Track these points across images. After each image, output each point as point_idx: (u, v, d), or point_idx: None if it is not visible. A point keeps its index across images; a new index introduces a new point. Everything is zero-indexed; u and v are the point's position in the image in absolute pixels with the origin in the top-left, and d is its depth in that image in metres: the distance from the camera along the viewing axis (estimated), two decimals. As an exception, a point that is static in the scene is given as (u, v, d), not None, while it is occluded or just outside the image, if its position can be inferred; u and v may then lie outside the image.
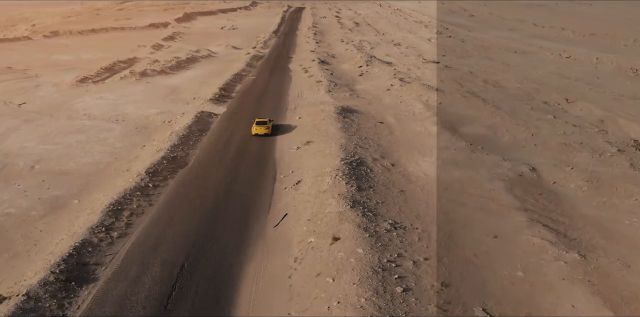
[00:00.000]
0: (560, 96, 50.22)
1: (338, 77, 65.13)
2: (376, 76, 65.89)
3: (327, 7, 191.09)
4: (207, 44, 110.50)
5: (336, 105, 45.98)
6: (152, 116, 47.93)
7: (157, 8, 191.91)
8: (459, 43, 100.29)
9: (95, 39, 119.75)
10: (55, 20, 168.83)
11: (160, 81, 65.89)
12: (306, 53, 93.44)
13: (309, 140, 37.70)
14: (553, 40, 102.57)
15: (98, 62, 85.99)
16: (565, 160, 33.50)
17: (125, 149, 39.10)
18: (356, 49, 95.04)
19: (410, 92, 52.53)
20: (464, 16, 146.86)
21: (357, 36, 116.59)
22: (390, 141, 38.22)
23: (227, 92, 56.56)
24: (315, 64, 76.85)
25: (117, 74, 71.71)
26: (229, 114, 47.84)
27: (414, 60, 79.26)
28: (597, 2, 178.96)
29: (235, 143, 39.00)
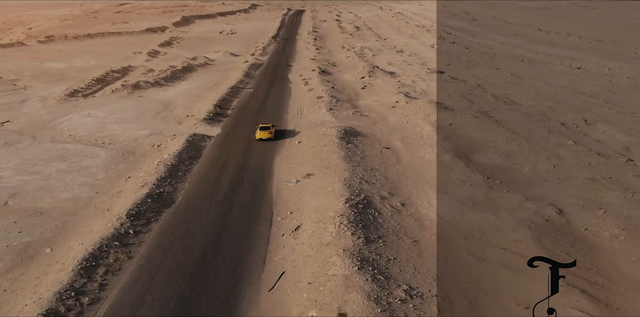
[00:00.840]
0: (577, 116, 46.43)
1: (339, 90, 61.31)
2: (380, 89, 62.08)
3: (328, 9, 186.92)
4: (205, 50, 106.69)
5: (338, 128, 42.18)
6: (140, 138, 44.14)
7: (155, 11, 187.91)
8: (463, 50, 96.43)
9: (91, 44, 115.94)
10: (52, 23, 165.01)
11: (153, 95, 62.09)
12: (306, 61, 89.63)
13: (309, 172, 33.93)
14: (560, 47, 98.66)
15: (91, 70, 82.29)
16: (595, 200, 29.73)
17: (108, 181, 35.32)
18: (357, 57, 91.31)
19: (417, 110, 48.75)
20: (466, 20, 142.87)
21: (358, 42, 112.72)
22: (399, 172, 34.45)
23: (222, 110, 52.72)
24: (315, 74, 73.05)
25: (109, 86, 67.88)
26: (223, 136, 44.01)
27: (418, 70, 75.43)
28: (600, 4, 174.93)
29: (229, 174, 35.21)
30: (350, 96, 58.59)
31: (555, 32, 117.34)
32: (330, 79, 70.10)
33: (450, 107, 49.71)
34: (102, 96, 61.65)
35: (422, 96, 56.01)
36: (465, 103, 51.83)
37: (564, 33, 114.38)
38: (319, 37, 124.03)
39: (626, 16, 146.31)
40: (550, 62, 79.76)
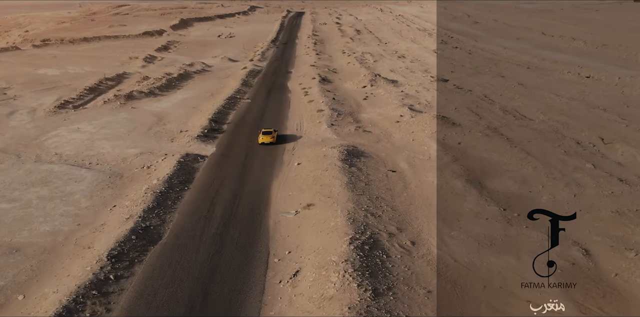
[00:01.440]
0: (593, 134, 43.45)
1: (340, 101, 58.31)
2: (382, 100, 59.09)
3: (327, 12, 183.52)
4: (203, 54, 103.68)
5: (340, 149, 39.16)
6: (130, 158, 41.13)
7: (153, 13, 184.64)
8: (466, 55, 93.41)
9: (87, 48, 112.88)
10: (49, 26, 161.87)
11: (147, 106, 59.06)
12: (306, 67, 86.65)
13: (309, 202, 30.95)
14: (565, 52, 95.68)
15: (85, 78, 79.34)
16: (624, 238, 26.78)
17: (92, 210, 32.32)
18: (358, 63, 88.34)
19: (422, 126, 45.77)
20: (468, 23, 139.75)
21: (358, 46, 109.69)
22: (406, 201, 31.48)
23: (217, 125, 49.68)
24: (315, 83, 70.05)
25: (102, 96, 64.86)
26: (218, 156, 40.97)
27: (422, 78, 72.44)
28: (603, 6, 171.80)
29: (222, 203, 32.21)
30: (352, 108, 55.57)
31: (559, 36, 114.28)
32: (331, 89, 67.09)
33: (457, 123, 46.71)
34: (93, 108, 58.60)
35: (427, 109, 53.04)
36: (473, 117, 48.84)
37: (568, 37, 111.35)
38: (319, 41, 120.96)
39: (629, 19, 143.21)
40: (557, 69, 76.74)
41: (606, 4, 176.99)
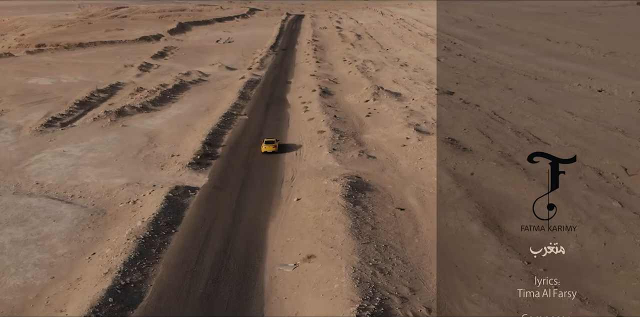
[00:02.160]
0: (614, 162, 39.85)
1: (342, 119, 54.66)
2: (386, 117, 55.47)
3: (327, 15, 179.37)
4: (200, 62, 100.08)
5: (343, 182, 35.51)
6: (115, 190, 37.52)
7: (152, 15, 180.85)
8: (470, 64, 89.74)
9: (81, 55, 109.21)
10: (45, 29, 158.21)
11: (138, 123, 55.42)
12: (306, 77, 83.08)
13: (310, 252, 27.33)
14: (571, 61, 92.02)
15: (77, 88, 75.89)
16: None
17: (68, 259, 28.70)
18: (360, 72, 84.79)
19: (431, 151, 42.15)
20: (470, 27, 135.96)
21: (359, 53, 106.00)
22: (419, 250, 27.90)
23: (211, 148, 46.03)
24: (315, 96, 66.44)
25: (92, 111, 61.28)
26: (210, 188, 37.24)
27: (426, 91, 68.80)
28: (606, 10, 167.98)
29: (212, 252, 28.55)
30: (355, 128, 51.95)
31: (564, 42, 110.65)
32: (332, 103, 63.47)
33: (468, 148, 43.10)
34: (82, 126, 54.95)
35: (434, 129, 49.41)
36: (484, 141, 45.23)
37: (573, 43, 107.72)
38: (319, 46, 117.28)
39: (634, 23, 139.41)
40: (567, 81, 73.11)
41: (609, 7, 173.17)
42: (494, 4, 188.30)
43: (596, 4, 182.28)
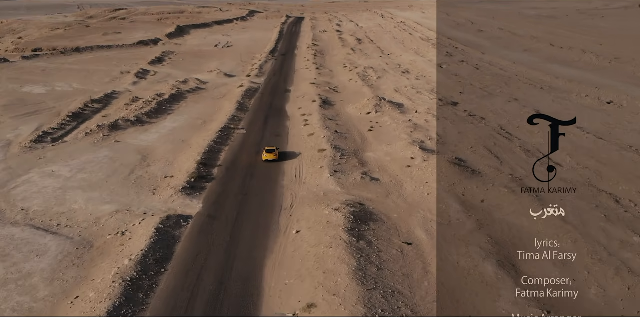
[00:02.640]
0: (631, 187, 37.36)
1: (344, 135, 52.13)
2: (389, 132, 52.98)
3: (328, 17, 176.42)
4: (198, 68, 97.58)
5: (346, 213, 32.98)
6: (104, 218, 35.03)
7: (150, 18, 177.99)
8: (474, 71, 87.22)
9: (78, 60, 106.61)
10: (43, 33, 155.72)
11: (132, 139, 52.88)
12: (306, 85, 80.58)
13: (310, 300, 24.80)
14: (577, 67, 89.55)
15: (72, 97, 73.56)
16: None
17: (49, 303, 26.17)
18: (361, 80, 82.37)
19: (438, 174, 39.66)
20: (472, 31, 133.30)
21: (360, 59, 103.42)
22: (429, 297, 25.34)
23: (207, 168, 43.47)
24: (316, 107, 63.93)
25: (85, 124, 58.80)
26: (204, 218, 34.64)
27: (429, 101, 66.34)
28: (608, 12, 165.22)
29: (204, 296, 25.97)
30: (357, 145, 49.43)
31: (568, 47, 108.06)
32: (333, 115, 60.96)
33: (477, 170, 40.61)
34: (73, 141, 52.39)
35: (440, 146, 46.99)
36: (493, 162, 42.73)
37: (577, 49, 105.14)
38: (319, 51, 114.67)
39: (636, 27, 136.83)
40: (574, 91, 70.59)
41: (611, 10, 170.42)
42: (495, 6, 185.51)
43: (598, 5, 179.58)
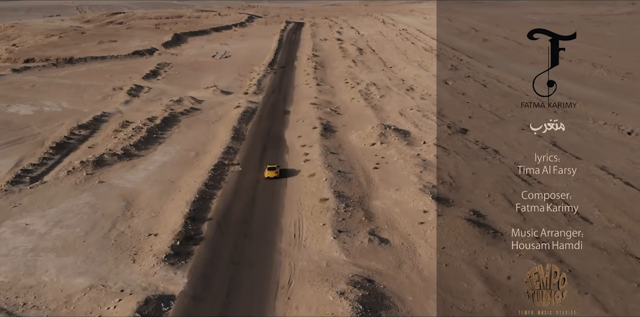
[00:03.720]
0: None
1: (347, 174, 46.91)
2: (396, 171, 47.79)
3: (328, 23, 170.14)
4: (194, 83, 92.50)
5: (353, 299, 27.84)
6: (76, 296, 29.95)
7: (148, 23, 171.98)
8: (481, 89, 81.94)
9: (70, 73, 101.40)
10: (37, 39, 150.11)
11: (117, 179, 47.70)
12: (306, 105, 75.53)
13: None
14: (589, 85, 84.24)
15: (59, 119, 69.00)
16: None
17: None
18: (364, 99, 77.44)
19: (455, 236, 34.55)
20: (476, 40, 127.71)
21: (362, 72, 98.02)
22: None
23: (195, 224, 38.21)
24: (316, 136, 58.94)
25: (69, 157, 53.82)
26: (189, 300, 29.54)
27: (437, 128, 61.15)
28: (613, 18, 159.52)
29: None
30: (362, 188, 44.24)
31: (577, 60, 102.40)
32: (335, 146, 55.86)
33: (499, 231, 35.51)
34: (53, 182, 47.19)
35: (453, 193, 41.95)
36: (515, 218, 37.56)
37: (587, 62, 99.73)
38: (319, 63, 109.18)
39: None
40: (590, 115, 65.29)
41: (615, 16, 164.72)
42: (497, 11, 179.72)
43: (602, 10, 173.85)
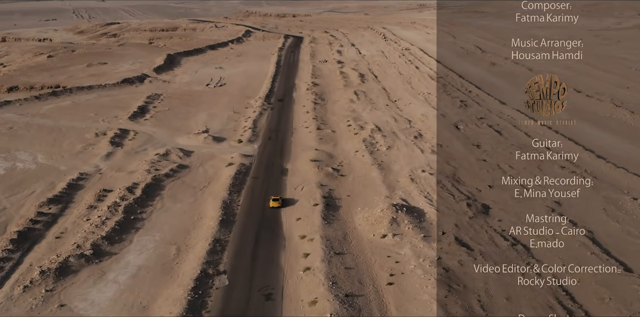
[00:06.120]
0: None
1: (356, 300, 37.70)
2: (414, 290, 38.66)
3: (327, 39, 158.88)
4: (184, 124, 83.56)
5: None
6: None
7: (142, 37, 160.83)
8: (497, 139, 72.56)
9: (53, 109, 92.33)
10: (25, 58, 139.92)
11: (79, 300, 38.36)
12: (305, 163, 66.77)
13: None
14: (612, 131, 75.12)
15: (31, 183, 60.22)
16: None
17: None
18: (368, 153, 68.95)
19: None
20: (484, 64, 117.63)
21: (365, 110, 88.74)
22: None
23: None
24: (318, 221, 49.89)
25: (29, 258, 44.45)
26: None
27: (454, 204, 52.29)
28: (623, 35, 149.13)
29: None
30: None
31: (594, 93, 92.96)
32: (340, 239, 46.70)
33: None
34: (5, 305, 38.02)
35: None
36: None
37: (606, 97, 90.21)
38: (319, 95, 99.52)
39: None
40: (623, 185, 55.98)
41: (625, 30, 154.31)
42: (500, 23, 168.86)
43: (610, 23, 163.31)
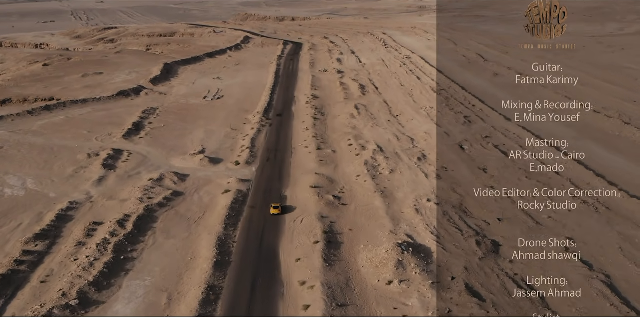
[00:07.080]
0: None
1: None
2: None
3: (327, 45, 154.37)
4: (180, 143, 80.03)
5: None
6: None
7: (139, 43, 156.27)
8: (504, 162, 68.71)
9: (45, 125, 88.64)
10: (20, 67, 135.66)
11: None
12: (305, 191, 63.25)
13: None
14: (621, 152, 71.61)
15: (18, 213, 57.57)
16: None
17: None
18: (370, 178, 65.60)
19: None
20: (487, 75, 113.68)
21: (366, 126, 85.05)
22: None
23: None
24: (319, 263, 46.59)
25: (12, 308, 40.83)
26: None
27: (462, 241, 48.89)
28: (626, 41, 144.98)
29: None
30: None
31: (602, 108, 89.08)
32: (342, 287, 43.21)
33: None
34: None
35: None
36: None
37: (614, 113, 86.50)
38: (319, 109, 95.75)
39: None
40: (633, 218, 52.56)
41: (627, 37, 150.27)
42: (501, 28, 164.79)
43: (612, 29, 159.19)
